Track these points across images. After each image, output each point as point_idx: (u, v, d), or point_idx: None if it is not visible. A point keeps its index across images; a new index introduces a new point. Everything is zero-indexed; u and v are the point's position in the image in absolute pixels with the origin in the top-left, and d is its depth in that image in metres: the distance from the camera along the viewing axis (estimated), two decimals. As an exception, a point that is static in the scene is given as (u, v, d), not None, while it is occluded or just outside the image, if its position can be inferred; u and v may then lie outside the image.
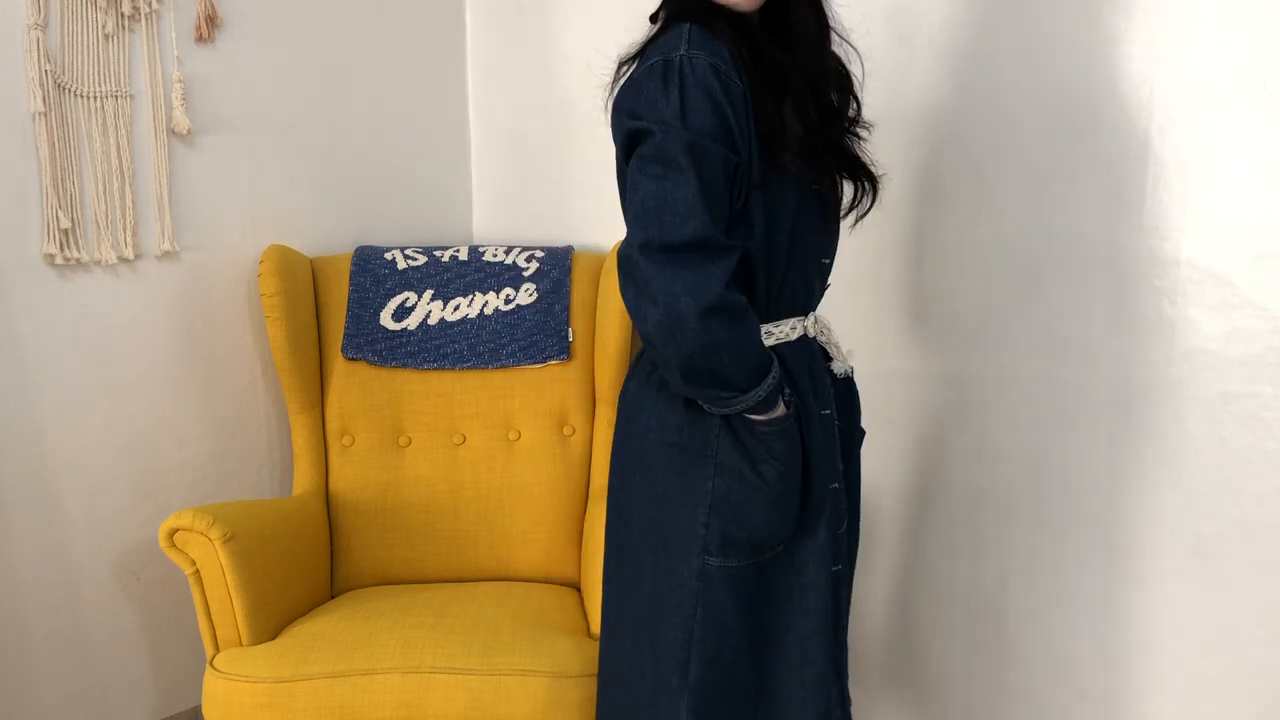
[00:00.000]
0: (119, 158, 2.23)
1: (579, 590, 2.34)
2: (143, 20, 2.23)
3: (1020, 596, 2.06)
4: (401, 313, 2.45)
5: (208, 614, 2.03)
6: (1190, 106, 1.75)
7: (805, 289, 1.59)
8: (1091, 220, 1.88)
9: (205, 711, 1.98)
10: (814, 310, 1.64)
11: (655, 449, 1.56)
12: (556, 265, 2.49)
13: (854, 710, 2.30)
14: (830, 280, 1.67)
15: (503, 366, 2.44)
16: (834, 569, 1.61)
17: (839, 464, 1.64)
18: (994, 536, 2.08)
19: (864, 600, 2.28)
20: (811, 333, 1.62)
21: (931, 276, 2.09)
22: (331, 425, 2.42)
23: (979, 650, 2.13)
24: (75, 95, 2.15)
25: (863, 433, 1.77)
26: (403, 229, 2.74)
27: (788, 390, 1.52)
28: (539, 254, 2.50)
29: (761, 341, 1.47)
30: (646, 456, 1.58)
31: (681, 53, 1.41)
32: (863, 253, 2.08)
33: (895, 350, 2.15)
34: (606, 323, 2.39)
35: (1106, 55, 1.82)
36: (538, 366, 2.44)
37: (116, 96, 2.21)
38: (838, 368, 1.65)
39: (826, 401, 1.62)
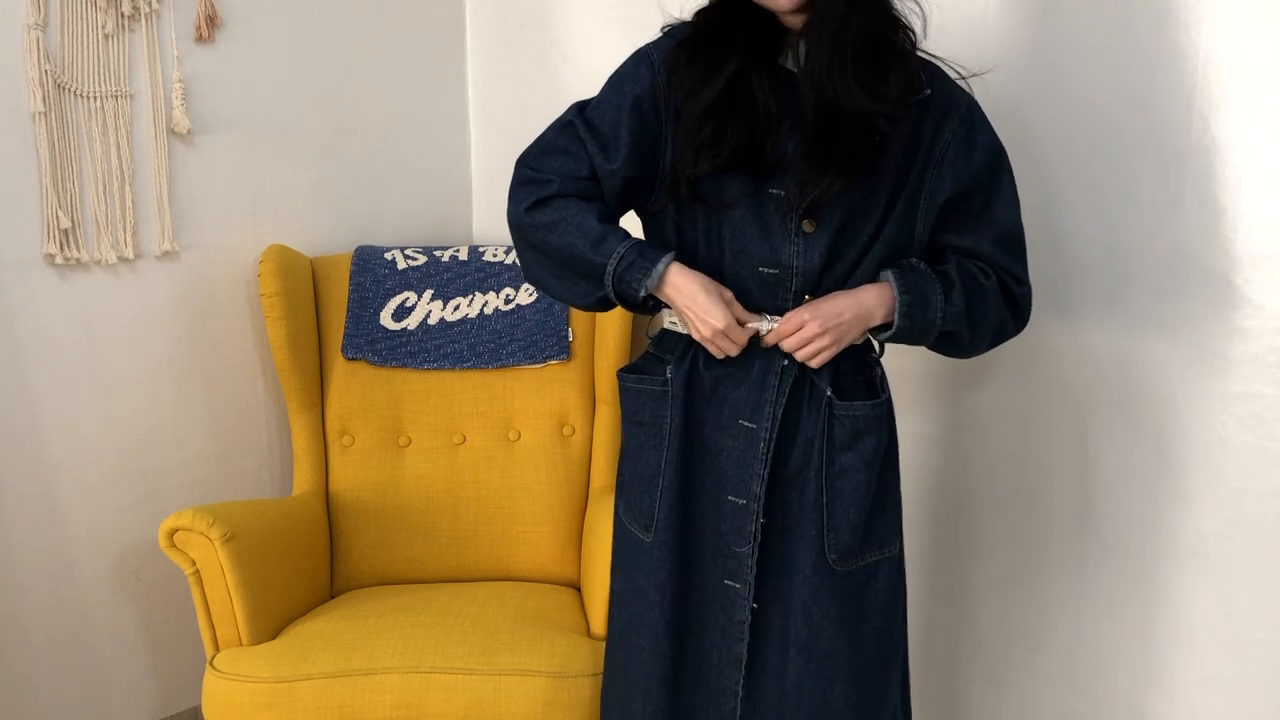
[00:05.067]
0: (119, 158, 2.23)
1: (579, 590, 2.34)
2: (143, 20, 2.23)
3: (1019, 596, 2.06)
4: (401, 313, 2.45)
5: (208, 614, 2.03)
6: (1187, 107, 1.75)
7: (743, 294, 1.57)
8: (1092, 220, 1.88)
9: (205, 711, 1.98)
10: (770, 315, 1.57)
11: None
12: (556, 265, 2.48)
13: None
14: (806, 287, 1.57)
15: (503, 366, 2.44)
16: (725, 582, 1.61)
17: (752, 481, 1.58)
18: (994, 536, 2.08)
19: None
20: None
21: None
22: (331, 425, 2.42)
23: (978, 649, 2.13)
24: (75, 95, 2.15)
25: (854, 464, 1.59)
26: (403, 229, 2.74)
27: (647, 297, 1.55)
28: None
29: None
30: None
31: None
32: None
33: (895, 350, 2.15)
34: (606, 323, 2.39)
35: (1100, 58, 1.83)
36: (538, 366, 2.44)
37: (116, 96, 2.21)
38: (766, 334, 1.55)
39: (751, 413, 1.58)
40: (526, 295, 2.45)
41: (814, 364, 1.55)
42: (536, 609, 2.16)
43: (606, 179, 1.56)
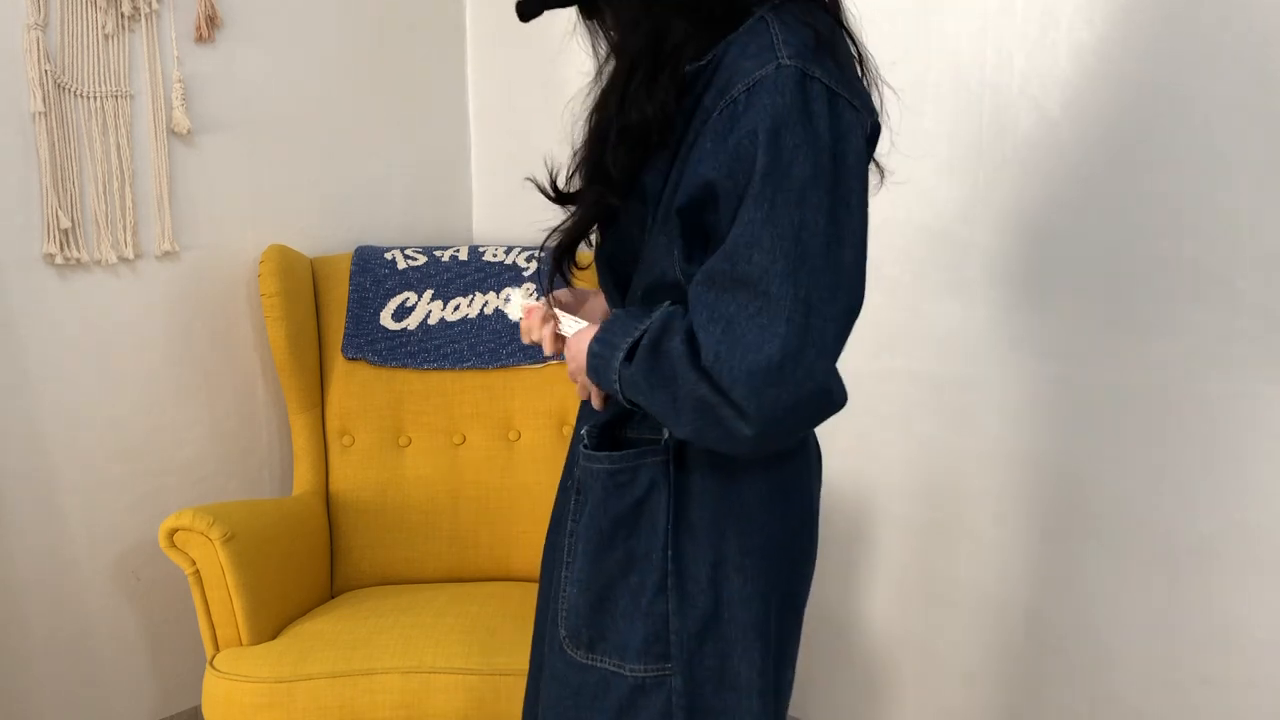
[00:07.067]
0: (119, 158, 2.23)
1: (579, 590, 2.34)
2: (143, 20, 2.23)
3: (1019, 597, 2.06)
4: (401, 313, 2.45)
5: (208, 614, 2.03)
6: (1183, 106, 1.75)
7: None
8: (1092, 220, 1.88)
9: (205, 711, 1.98)
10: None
11: None
12: (556, 265, 2.49)
13: (863, 710, 2.30)
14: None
15: (503, 366, 2.44)
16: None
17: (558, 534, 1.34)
18: (993, 537, 2.08)
19: (866, 601, 2.28)
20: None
21: (931, 276, 2.09)
22: (331, 425, 2.42)
23: (978, 649, 2.13)
24: (75, 95, 2.15)
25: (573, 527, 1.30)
26: (403, 229, 2.74)
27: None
28: (539, 254, 2.50)
29: None
30: None
31: None
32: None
33: (895, 350, 2.15)
34: (606, 323, 2.39)
35: (1086, 57, 1.83)
36: (538, 366, 2.44)
37: (116, 96, 2.21)
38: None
39: (568, 467, 1.34)
40: (527, 295, 2.45)
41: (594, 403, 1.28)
42: (536, 609, 2.16)
43: None
